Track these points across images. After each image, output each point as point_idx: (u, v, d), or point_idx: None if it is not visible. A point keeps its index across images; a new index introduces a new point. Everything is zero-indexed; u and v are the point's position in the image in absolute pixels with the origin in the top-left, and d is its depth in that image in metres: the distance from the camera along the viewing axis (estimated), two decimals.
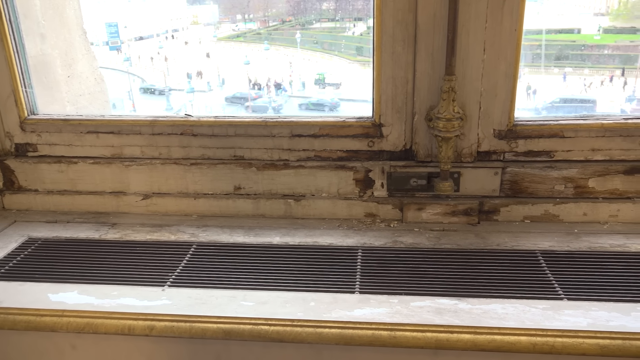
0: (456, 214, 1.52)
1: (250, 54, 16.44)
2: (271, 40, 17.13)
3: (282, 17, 16.26)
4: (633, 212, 1.49)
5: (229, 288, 1.29)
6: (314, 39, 17.38)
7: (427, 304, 1.19)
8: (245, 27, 16.07)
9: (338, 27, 17.54)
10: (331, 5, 16.25)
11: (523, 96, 15.35)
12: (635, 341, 1.07)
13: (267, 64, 17.20)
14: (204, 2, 16.26)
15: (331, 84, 18.09)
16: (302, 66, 17.97)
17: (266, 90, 17.41)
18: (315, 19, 16.65)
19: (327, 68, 18.42)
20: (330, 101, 14.94)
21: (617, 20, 24.67)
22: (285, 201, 1.60)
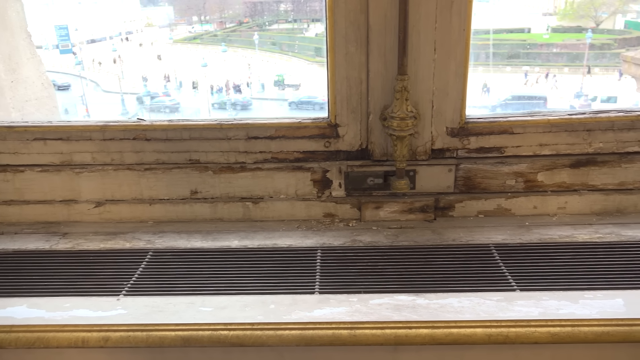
0: (413, 211, 1.55)
1: (207, 56, 16.26)
2: (229, 42, 16.99)
3: (239, 18, 16.14)
4: (580, 204, 1.55)
5: (187, 294, 1.26)
6: (272, 40, 17.36)
7: (385, 301, 1.20)
8: (201, 29, 15.87)
9: (296, 28, 17.56)
10: (288, 7, 16.24)
11: (477, 94, 15.78)
12: (583, 327, 1.11)
13: (225, 66, 17.04)
14: (158, 3, 15.95)
15: (291, 85, 18.11)
16: (261, 68, 17.91)
17: (225, 92, 17.24)
18: (272, 20, 16.62)
19: (286, 69, 18.44)
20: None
21: (564, 20, 25.60)
22: (243, 204, 1.59)
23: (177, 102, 16.66)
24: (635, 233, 1.45)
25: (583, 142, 1.51)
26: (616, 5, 24.53)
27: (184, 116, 14.43)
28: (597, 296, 1.20)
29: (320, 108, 15.11)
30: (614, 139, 1.50)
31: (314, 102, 15.92)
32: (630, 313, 1.13)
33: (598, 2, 24.47)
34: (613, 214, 1.55)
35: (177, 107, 16.48)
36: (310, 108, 16.21)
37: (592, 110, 1.52)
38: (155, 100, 16.88)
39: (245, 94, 17.54)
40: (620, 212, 1.55)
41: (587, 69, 19.24)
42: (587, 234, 1.45)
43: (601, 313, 1.14)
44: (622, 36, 21.80)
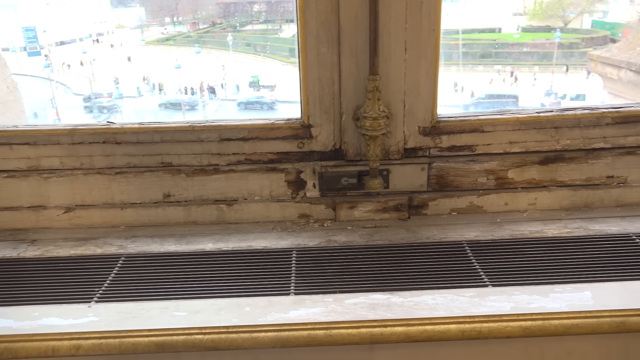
0: (387, 210, 1.56)
1: (181, 57, 16.08)
2: (202, 43, 16.84)
3: (212, 19, 16.00)
4: (549, 200, 1.58)
5: (161, 299, 1.25)
6: (246, 41, 17.28)
7: (361, 300, 1.21)
8: (174, 30, 15.69)
9: (270, 29, 17.51)
10: (262, 8, 16.19)
11: (451, 93, 16.01)
12: (553, 320, 1.14)
13: (199, 68, 16.88)
14: (129, 4, 15.71)
15: (266, 86, 18.05)
16: (235, 69, 17.80)
17: (199, 94, 17.09)
18: (246, 21, 16.53)
19: (261, 70, 18.38)
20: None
21: (533, 20, 26.21)
22: (217, 207, 1.57)
23: (115, 104, 16.61)
24: (602, 227, 1.48)
25: (551, 140, 1.54)
26: (583, 5, 25.19)
27: (124, 116, 14.26)
28: (566, 290, 1.23)
29: (268, 108, 15.11)
30: (581, 135, 1.54)
31: (262, 102, 15.93)
32: (597, 305, 1.16)
33: (566, 2, 25.10)
34: (581, 209, 1.58)
35: (115, 108, 16.40)
36: (258, 108, 16.24)
37: (559, 108, 1.56)
38: (94, 101, 16.78)
39: (220, 95, 17.41)
40: (588, 207, 1.59)
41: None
42: (557, 229, 1.48)
43: (570, 306, 1.16)
44: (589, 35, 22.40)
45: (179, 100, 16.46)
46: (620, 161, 1.56)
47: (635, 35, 3.95)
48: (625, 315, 1.14)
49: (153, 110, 16.04)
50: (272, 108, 16.00)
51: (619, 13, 22.76)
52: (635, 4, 14.66)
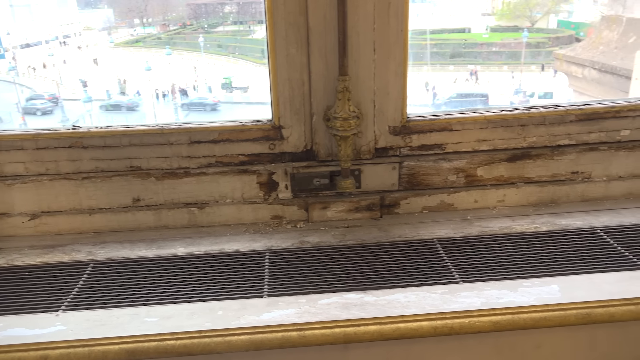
0: (359, 209, 1.57)
1: (151, 59, 15.83)
2: (173, 44, 16.62)
3: (182, 20, 15.81)
4: (517, 196, 1.62)
5: (131, 305, 1.23)
6: (218, 43, 17.14)
7: (334, 300, 1.21)
8: (144, 32, 15.45)
9: (242, 30, 17.41)
10: (233, 9, 16.06)
11: (423, 92, 16.18)
12: (522, 314, 1.16)
13: (171, 69, 16.66)
14: (97, 6, 15.40)
15: (239, 87, 17.93)
16: (207, 70, 17.64)
17: (171, 97, 16.87)
18: (217, 22, 16.39)
19: (234, 72, 18.24)
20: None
21: (502, 20, 26.69)
22: (188, 210, 1.55)
23: (49, 106, 16.42)
24: (568, 222, 1.52)
25: (518, 137, 1.58)
26: (549, 6, 25.82)
27: (62, 117, 13.93)
28: (534, 283, 1.25)
29: (211, 109, 15.02)
30: (546, 133, 1.58)
31: (205, 103, 15.85)
32: (564, 298, 1.19)
33: (532, 3, 25.69)
34: (548, 204, 1.62)
35: (50, 110, 16.22)
36: (202, 109, 16.18)
37: (525, 106, 1.60)
38: (29, 103, 16.56)
39: (192, 97, 17.23)
40: (554, 202, 1.63)
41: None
42: (525, 225, 1.52)
43: (538, 300, 1.19)
44: (555, 35, 22.99)
45: (120, 102, 16.20)
46: (584, 157, 1.60)
47: (598, 35, 4.07)
48: (591, 307, 1.18)
49: (93, 113, 15.84)
50: (215, 109, 15.89)
51: (583, 13, 23.41)
52: (598, 4, 15.10)
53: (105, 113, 16.11)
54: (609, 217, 1.54)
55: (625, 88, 3.41)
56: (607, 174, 1.62)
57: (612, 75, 3.70)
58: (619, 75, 3.50)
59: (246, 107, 17.16)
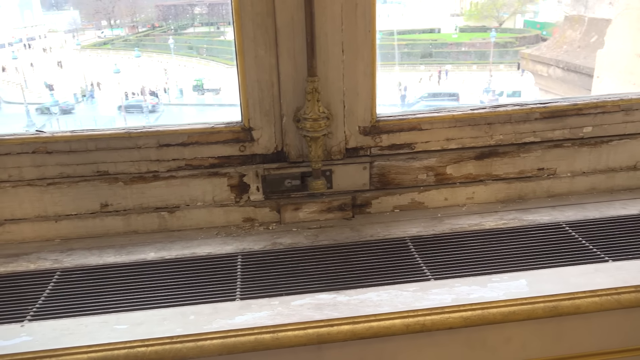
0: (331, 210, 1.57)
1: (120, 61, 15.53)
2: (142, 46, 16.36)
3: (151, 22, 15.56)
4: (486, 193, 1.65)
5: (100, 313, 1.20)
6: (189, 45, 16.94)
7: (307, 302, 1.21)
8: (112, 34, 15.16)
9: (213, 31, 17.24)
10: (204, 10, 15.90)
11: (395, 92, 16.36)
12: (491, 309, 1.18)
13: (140, 72, 16.38)
14: (62, 7, 15.02)
15: (210, 89, 17.76)
16: (178, 73, 17.41)
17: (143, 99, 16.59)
18: (187, 23, 16.21)
19: (205, 73, 18.06)
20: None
21: (470, 20, 27.12)
22: (158, 214, 1.53)
23: None
24: (535, 217, 1.56)
25: (485, 135, 1.60)
26: (515, 6, 26.39)
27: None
28: (503, 279, 1.28)
29: (149, 111, 14.87)
30: (512, 130, 1.61)
31: (143, 106, 15.67)
32: (532, 292, 1.22)
33: (499, 3, 26.20)
34: (515, 200, 1.66)
35: None
36: (138, 111, 15.99)
37: (492, 105, 1.63)
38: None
39: (163, 100, 16.99)
40: (522, 198, 1.66)
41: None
42: (493, 221, 1.54)
43: (507, 294, 1.21)
44: (522, 35, 23.50)
45: (56, 103, 15.83)
46: (550, 154, 1.64)
47: (561, 35, 4.17)
48: (558, 299, 1.21)
49: (23, 115, 15.47)
50: (155, 111, 15.70)
51: (548, 13, 24.00)
52: (562, 4, 15.53)
53: (40, 117, 15.69)
54: (573, 211, 1.58)
55: (588, 86, 3.51)
56: (571, 170, 1.66)
57: (575, 73, 3.80)
58: (582, 73, 3.60)
59: (219, 109, 17.01)
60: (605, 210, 1.58)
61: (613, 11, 3.04)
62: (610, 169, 1.68)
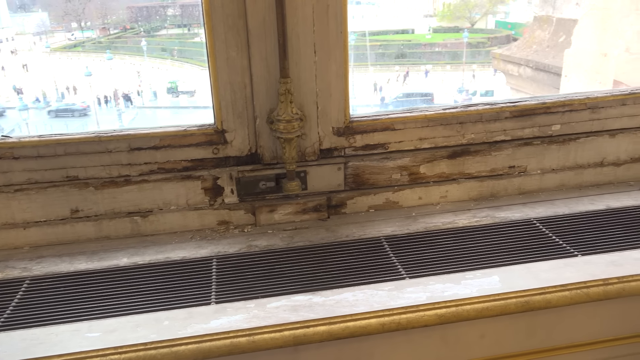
0: (307, 211, 1.57)
1: (91, 64, 15.24)
2: (114, 49, 16.08)
3: (123, 24, 15.31)
4: (459, 192, 1.67)
5: (72, 321, 1.18)
6: (162, 47, 16.73)
7: (283, 304, 1.21)
8: (82, 36, 14.85)
9: (186, 33, 17.05)
10: (177, 11, 15.71)
11: (370, 92, 16.43)
12: (465, 306, 1.20)
13: (112, 75, 16.10)
14: (30, 9, 14.64)
15: (185, 91, 17.57)
16: (151, 75, 17.17)
17: (114, 102, 16.31)
18: (160, 25, 15.99)
19: (179, 76, 17.85)
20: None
21: (443, 21, 27.46)
22: (131, 219, 1.51)
23: None
24: (506, 214, 1.59)
25: (457, 134, 1.63)
26: (487, 7, 26.84)
27: None
28: (476, 275, 1.30)
29: (80, 115, 14.65)
30: (483, 129, 1.64)
31: (73, 109, 15.47)
32: (504, 288, 1.24)
33: (471, 4, 26.61)
34: (488, 198, 1.68)
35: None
36: (69, 115, 15.76)
37: (463, 104, 1.65)
38: None
39: (137, 103, 16.73)
40: (494, 196, 1.69)
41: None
42: (467, 219, 1.57)
43: (480, 291, 1.23)
44: (494, 35, 23.92)
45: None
46: (520, 152, 1.67)
47: (531, 35, 4.26)
48: (529, 294, 1.23)
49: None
50: (86, 114, 15.45)
51: (518, 14, 24.48)
52: (532, 4, 15.87)
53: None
54: (544, 208, 1.62)
55: (557, 85, 3.60)
56: (541, 167, 1.70)
57: (545, 72, 3.88)
58: (552, 72, 3.69)
59: (194, 112, 16.82)
60: (574, 206, 1.62)
61: (579, 11, 3.12)
62: (578, 166, 1.72)
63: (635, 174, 1.75)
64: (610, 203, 1.62)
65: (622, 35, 2.06)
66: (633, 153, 1.73)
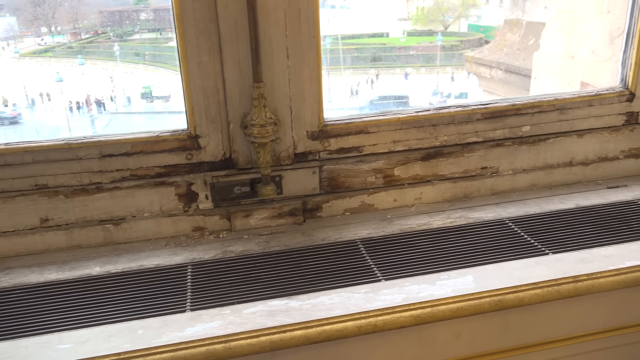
0: (282, 215, 1.57)
1: (62, 70, 14.92)
2: (86, 54, 15.79)
3: (95, 28, 15.05)
4: (433, 193, 1.69)
5: (42, 333, 1.15)
6: (135, 51, 16.50)
7: (259, 309, 1.20)
8: (53, 41, 14.56)
9: (160, 37, 16.85)
10: (150, 16, 15.53)
11: (347, 96, 16.50)
12: (441, 306, 1.21)
13: (85, 80, 15.81)
14: None
15: (159, 96, 17.33)
16: (125, 80, 16.90)
17: (87, 108, 16.00)
18: (133, 30, 15.78)
19: (154, 80, 17.61)
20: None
21: (417, 24, 27.70)
22: (103, 227, 1.48)
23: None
24: (480, 215, 1.61)
25: (430, 137, 1.65)
26: (460, 10, 27.23)
27: None
28: (451, 276, 1.31)
29: (10, 123, 14.33)
30: (456, 131, 1.66)
31: (2, 117, 15.09)
32: (478, 287, 1.26)
33: (444, 7, 26.97)
34: (461, 199, 1.71)
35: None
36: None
37: (435, 107, 1.67)
38: None
39: (110, 109, 16.45)
40: (467, 197, 1.71)
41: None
42: (441, 220, 1.58)
43: (455, 291, 1.25)
44: (467, 38, 24.27)
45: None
46: (492, 153, 1.70)
47: (502, 38, 4.35)
48: (502, 293, 1.25)
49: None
50: (17, 122, 15.12)
51: (490, 17, 24.91)
52: (504, 8, 16.18)
53: None
54: (516, 207, 1.65)
55: (528, 87, 3.67)
56: (512, 167, 1.73)
57: (516, 75, 3.96)
58: (522, 74, 3.76)
59: (169, 117, 16.61)
60: (544, 205, 1.65)
61: (547, 15, 3.20)
62: (548, 166, 1.76)
63: (603, 172, 1.80)
64: (580, 202, 1.66)
65: (588, 38, 2.12)
66: (600, 152, 1.78)
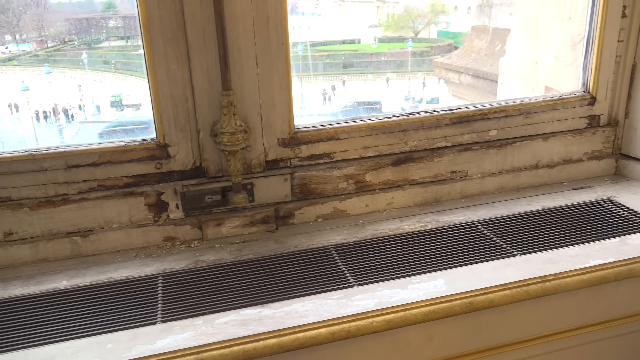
0: (254, 223, 1.56)
1: (27, 78, 14.56)
2: (53, 62, 15.44)
3: (62, 36, 14.75)
4: (404, 198, 1.71)
5: (6, 351, 1.11)
6: (104, 59, 16.21)
7: (232, 318, 1.19)
8: (18, 49, 14.20)
9: (129, 45, 16.60)
10: (119, 23, 15.29)
11: (320, 102, 16.55)
12: (412, 310, 1.22)
13: (52, 89, 15.45)
14: None
15: (130, 105, 17.04)
16: (94, 89, 16.58)
17: (54, 118, 15.61)
18: (102, 37, 15.50)
19: (124, 89, 17.32)
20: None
21: (388, 31, 28.01)
22: (70, 239, 1.45)
23: None
24: (450, 218, 1.63)
25: (400, 142, 1.66)
26: (429, 17, 27.68)
27: None
28: (423, 279, 1.33)
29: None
30: (425, 136, 1.68)
31: None
32: (449, 290, 1.27)
33: (414, 14, 27.37)
34: (432, 203, 1.73)
35: None
36: None
37: (405, 112, 1.69)
38: None
39: (79, 118, 16.10)
40: (438, 200, 1.74)
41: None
42: (412, 224, 1.60)
43: (427, 294, 1.26)
44: (437, 44, 24.67)
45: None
46: (460, 157, 1.73)
47: (469, 44, 4.43)
48: (473, 295, 1.27)
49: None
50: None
51: (459, 23, 25.37)
52: (472, 14, 16.52)
53: None
54: (485, 210, 1.68)
55: (495, 92, 3.75)
56: (481, 171, 1.76)
57: (484, 80, 4.05)
58: (490, 80, 3.85)
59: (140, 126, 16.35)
60: (512, 207, 1.69)
61: (512, 21, 3.28)
62: (515, 169, 1.80)
63: (568, 174, 1.85)
64: (546, 203, 1.70)
65: (550, 44, 2.18)
66: (565, 155, 1.83)
